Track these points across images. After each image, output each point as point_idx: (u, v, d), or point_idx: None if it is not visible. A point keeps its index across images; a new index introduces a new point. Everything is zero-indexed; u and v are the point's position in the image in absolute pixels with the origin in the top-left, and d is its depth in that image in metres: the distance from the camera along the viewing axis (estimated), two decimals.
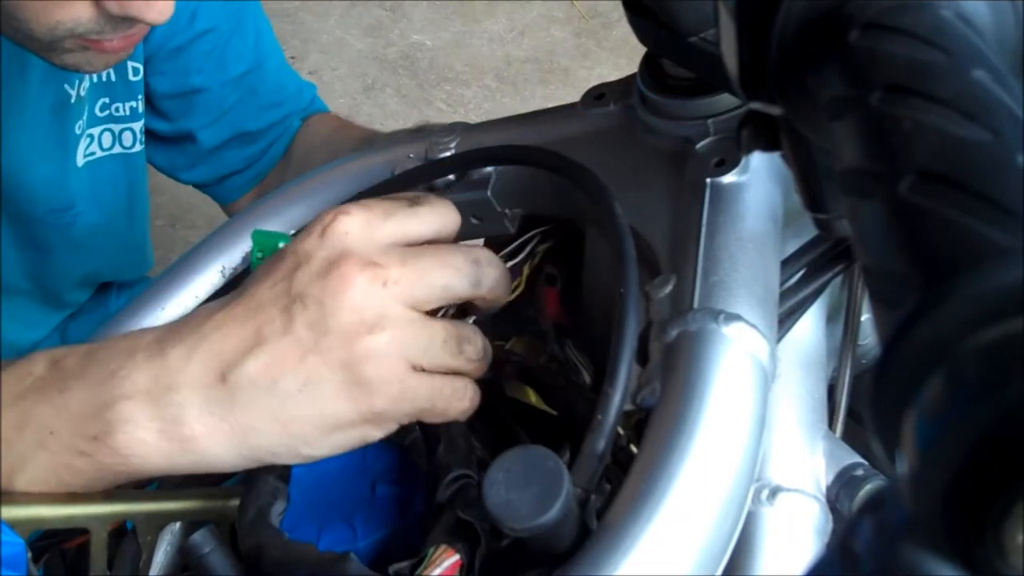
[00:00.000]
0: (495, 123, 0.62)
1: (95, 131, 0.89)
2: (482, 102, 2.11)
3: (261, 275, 0.49)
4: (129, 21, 0.67)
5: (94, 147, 0.89)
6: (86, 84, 0.86)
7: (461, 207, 0.57)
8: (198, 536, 0.49)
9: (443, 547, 0.43)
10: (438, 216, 0.52)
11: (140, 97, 0.92)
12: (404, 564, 0.44)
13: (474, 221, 0.57)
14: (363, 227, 0.48)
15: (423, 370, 0.48)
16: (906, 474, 0.22)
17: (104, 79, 0.87)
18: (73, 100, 0.85)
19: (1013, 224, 0.23)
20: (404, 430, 0.53)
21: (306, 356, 0.46)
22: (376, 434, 0.49)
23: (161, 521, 0.52)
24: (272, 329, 0.47)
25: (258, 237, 0.55)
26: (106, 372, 0.48)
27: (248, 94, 0.98)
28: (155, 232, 1.82)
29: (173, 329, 0.50)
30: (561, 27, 2.24)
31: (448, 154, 0.60)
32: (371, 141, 0.86)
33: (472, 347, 0.50)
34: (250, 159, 1.00)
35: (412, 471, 0.54)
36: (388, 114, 2.10)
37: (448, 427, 0.50)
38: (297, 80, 1.06)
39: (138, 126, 0.93)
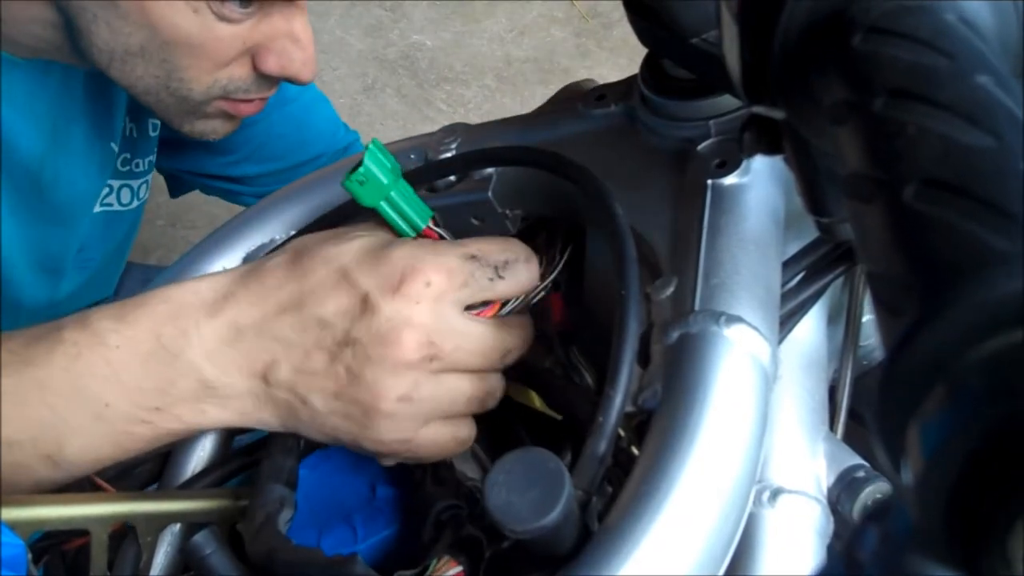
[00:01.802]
0: (495, 123, 0.62)
1: (114, 183, 0.91)
2: (482, 102, 2.11)
3: (328, 283, 0.50)
4: (271, 81, 0.72)
5: (111, 199, 0.91)
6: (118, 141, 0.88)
7: (462, 208, 0.57)
8: (200, 537, 0.49)
9: (446, 558, 0.43)
10: (514, 288, 0.53)
11: (155, 150, 0.95)
12: (408, 573, 0.44)
13: (475, 222, 0.57)
14: (435, 301, 0.49)
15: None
16: (911, 483, 0.22)
17: (129, 135, 0.90)
18: (117, 159, 0.88)
19: (1016, 231, 0.23)
20: None
21: (338, 392, 0.49)
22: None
23: (162, 522, 0.52)
24: (319, 358, 0.49)
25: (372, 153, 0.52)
26: (155, 345, 0.50)
27: (276, 134, 1.01)
28: (155, 232, 1.83)
29: (223, 302, 0.51)
30: (561, 27, 2.24)
31: (449, 155, 0.60)
32: None
33: (492, 399, 0.52)
34: None
35: (411, 472, 0.54)
36: (388, 114, 2.10)
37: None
38: (332, 123, 1.09)
39: (151, 176, 0.96)
